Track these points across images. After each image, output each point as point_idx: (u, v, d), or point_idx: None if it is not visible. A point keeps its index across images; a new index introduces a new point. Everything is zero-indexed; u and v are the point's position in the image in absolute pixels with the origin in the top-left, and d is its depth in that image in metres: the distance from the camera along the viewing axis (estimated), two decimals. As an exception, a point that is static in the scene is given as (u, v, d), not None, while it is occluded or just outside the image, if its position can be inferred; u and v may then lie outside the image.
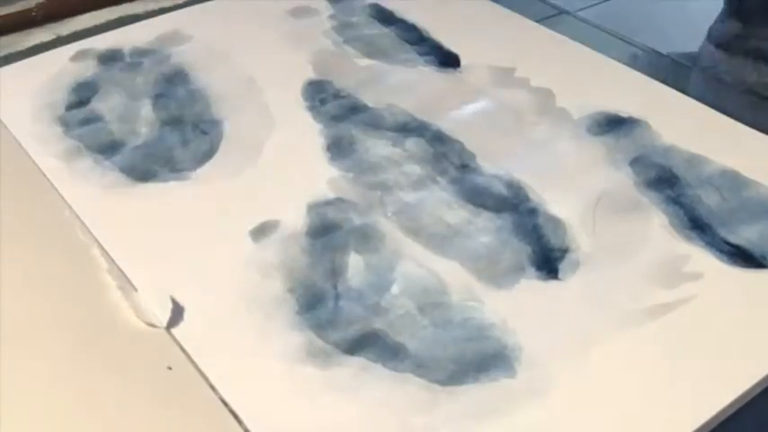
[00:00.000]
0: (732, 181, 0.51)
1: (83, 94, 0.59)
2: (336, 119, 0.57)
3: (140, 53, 0.64)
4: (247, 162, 0.53)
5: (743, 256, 0.46)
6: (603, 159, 0.53)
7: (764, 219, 0.48)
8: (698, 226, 0.48)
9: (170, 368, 0.40)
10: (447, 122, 0.56)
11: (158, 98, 0.59)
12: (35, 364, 0.41)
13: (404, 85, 0.60)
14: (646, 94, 0.59)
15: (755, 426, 0.40)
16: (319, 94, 0.59)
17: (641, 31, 0.74)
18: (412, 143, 0.54)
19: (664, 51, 0.69)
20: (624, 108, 0.57)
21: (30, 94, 0.59)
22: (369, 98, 0.58)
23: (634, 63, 0.63)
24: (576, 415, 0.38)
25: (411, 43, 0.65)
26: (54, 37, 0.67)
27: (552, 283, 0.44)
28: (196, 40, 0.66)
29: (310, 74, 0.61)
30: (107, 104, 0.58)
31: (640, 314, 0.42)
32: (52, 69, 0.62)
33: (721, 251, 0.46)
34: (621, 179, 0.51)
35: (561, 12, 0.73)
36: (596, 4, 1.32)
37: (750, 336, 0.41)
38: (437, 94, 0.59)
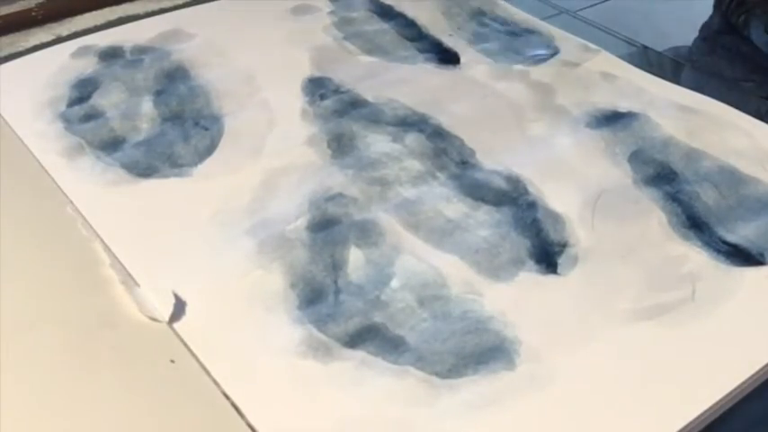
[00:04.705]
0: (730, 177, 0.51)
1: (84, 91, 0.59)
2: (336, 114, 0.57)
3: (141, 50, 0.64)
4: (248, 157, 0.53)
5: (740, 255, 0.46)
6: (602, 154, 0.53)
7: (762, 215, 0.48)
8: (695, 225, 0.48)
9: (173, 361, 0.40)
10: (447, 118, 0.56)
11: (159, 94, 0.59)
12: (37, 359, 0.41)
13: (404, 81, 0.60)
14: (644, 87, 0.59)
15: (752, 425, 0.40)
16: (319, 90, 0.59)
17: (641, 31, 0.74)
18: (412, 139, 0.54)
19: (663, 50, 0.70)
20: (623, 102, 0.57)
21: (31, 91, 0.59)
22: (369, 93, 0.59)
23: (633, 62, 0.63)
24: (575, 408, 0.38)
25: (411, 40, 0.65)
26: (54, 37, 0.67)
27: (551, 277, 0.45)
28: (197, 38, 0.66)
29: (310, 70, 0.61)
30: (108, 101, 0.58)
31: (637, 311, 0.42)
32: (53, 66, 0.62)
33: (718, 251, 0.46)
34: (620, 175, 0.51)
35: (561, 11, 0.73)
36: (596, 4, 1.33)
37: (747, 332, 0.42)
38: (437, 89, 0.59)
